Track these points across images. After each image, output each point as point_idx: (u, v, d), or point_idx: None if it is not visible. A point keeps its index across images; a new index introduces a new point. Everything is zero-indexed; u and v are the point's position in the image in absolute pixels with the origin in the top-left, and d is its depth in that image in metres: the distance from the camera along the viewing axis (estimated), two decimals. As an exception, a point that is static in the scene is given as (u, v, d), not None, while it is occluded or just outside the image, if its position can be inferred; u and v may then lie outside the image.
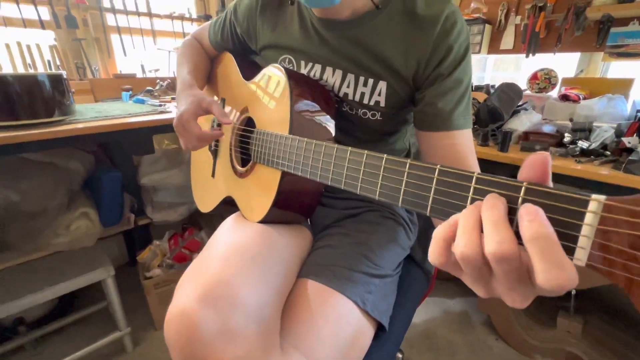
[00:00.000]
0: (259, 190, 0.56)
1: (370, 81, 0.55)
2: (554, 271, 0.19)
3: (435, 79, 0.51)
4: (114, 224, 1.22)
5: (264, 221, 0.55)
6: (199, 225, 1.47)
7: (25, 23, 1.24)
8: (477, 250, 0.22)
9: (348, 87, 0.57)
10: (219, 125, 0.61)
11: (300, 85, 0.52)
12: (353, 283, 0.52)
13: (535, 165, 0.23)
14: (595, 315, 1.13)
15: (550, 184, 0.23)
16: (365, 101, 0.56)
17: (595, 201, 0.19)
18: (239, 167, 0.62)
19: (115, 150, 1.30)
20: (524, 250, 0.21)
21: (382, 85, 0.54)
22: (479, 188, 0.25)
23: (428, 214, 0.28)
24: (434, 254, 0.26)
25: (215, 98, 0.77)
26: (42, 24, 1.28)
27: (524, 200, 0.22)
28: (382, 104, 0.56)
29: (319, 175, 0.41)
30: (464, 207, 0.26)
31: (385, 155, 0.32)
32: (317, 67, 0.58)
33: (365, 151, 0.34)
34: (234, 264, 0.44)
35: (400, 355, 1.12)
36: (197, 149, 0.60)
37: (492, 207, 0.22)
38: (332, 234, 0.60)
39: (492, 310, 1.22)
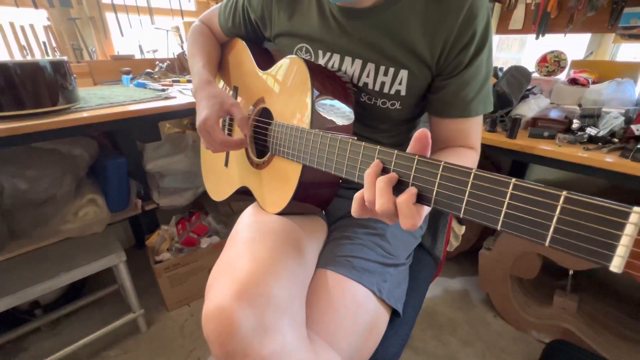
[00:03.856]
0: (277, 182, 0.56)
1: (391, 70, 0.54)
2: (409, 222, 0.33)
3: (458, 65, 0.51)
4: (122, 210, 1.23)
5: (282, 213, 0.56)
6: (205, 210, 1.48)
7: (17, 2, 1.19)
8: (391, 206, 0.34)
9: (368, 76, 0.56)
10: (231, 123, 0.61)
11: (320, 77, 0.52)
12: (370, 273, 0.54)
13: (419, 139, 0.34)
14: (590, 294, 1.18)
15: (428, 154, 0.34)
16: (386, 90, 0.56)
17: (637, 213, 0.20)
18: (255, 158, 0.62)
19: (120, 136, 1.28)
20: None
21: (404, 74, 0.54)
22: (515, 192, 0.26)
23: (461, 215, 0.29)
24: (356, 211, 0.39)
25: (226, 86, 0.75)
26: (35, 3, 1.22)
27: (562, 210, 0.23)
28: (403, 93, 0.55)
29: (345, 172, 0.41)
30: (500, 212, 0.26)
31: (417, 156, 0.33)
32: (336, 57, 0.57)
33: (395, 151, 0.34)
34: (263, 261, 0.45)
35: (404, 333, 1.18)
36: (219, 152, 0.59)
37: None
38: (348, 225, 0.62)
39: (491, 289, 1.27)
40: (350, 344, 0.47)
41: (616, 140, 0.81)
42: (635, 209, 0.20)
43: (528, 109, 0.99)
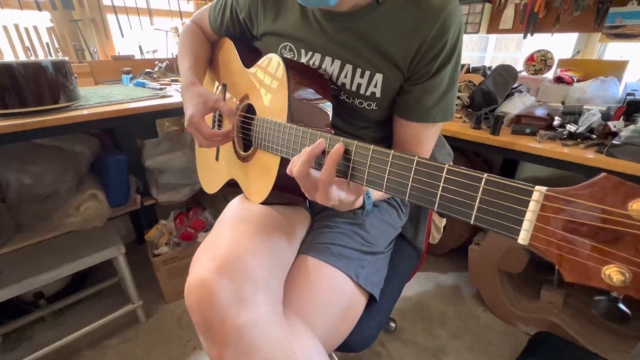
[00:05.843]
0: (260, 174, 0.60)
1: (367, 73, 0.57)
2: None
3: (425, 73, 0.54)
4: (122, 205, 1.27)
5: (265, 202, 0.59)
6: (202, 205, 1.52)
7: (22, 4, 1.24)
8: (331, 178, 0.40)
9: (345, 77, 0.59)
10: (220, 119, 0.64)
11: (298, 74, 0.55)
12: (347, 259, 0.57)
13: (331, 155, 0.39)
14: (576, 288, 1.20)
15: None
16: (362, 91, 0.59)
17: (538, 191, 0.23)
18: (241, 152, 0.66)
19: (120, 133, 1.33)
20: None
21: (379, 78, 0.57)
22: (448, 178, 0.29)
23: (407, 199, 0.32)
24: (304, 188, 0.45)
25: (217, 84, 0.79)
26: (38, 5, 1.27)
27: (484, 190, 0.26)
28: (378, 95, 0.58)
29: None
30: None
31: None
32: (317, 56, 0.60)
33: (355, 142, 0.38)
34: (243, 241, 0.49)
35: (393, 325, 1.21)
36: (210, 147, 0.63)
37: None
38: (329, 215, 0.65)
39: (481, 284, 1.29)
40: (326, 323, 0.51)
41: (594, 136, 0.84)
42: (537, 187, 0.24)
43: (513, 107, 1.01)
